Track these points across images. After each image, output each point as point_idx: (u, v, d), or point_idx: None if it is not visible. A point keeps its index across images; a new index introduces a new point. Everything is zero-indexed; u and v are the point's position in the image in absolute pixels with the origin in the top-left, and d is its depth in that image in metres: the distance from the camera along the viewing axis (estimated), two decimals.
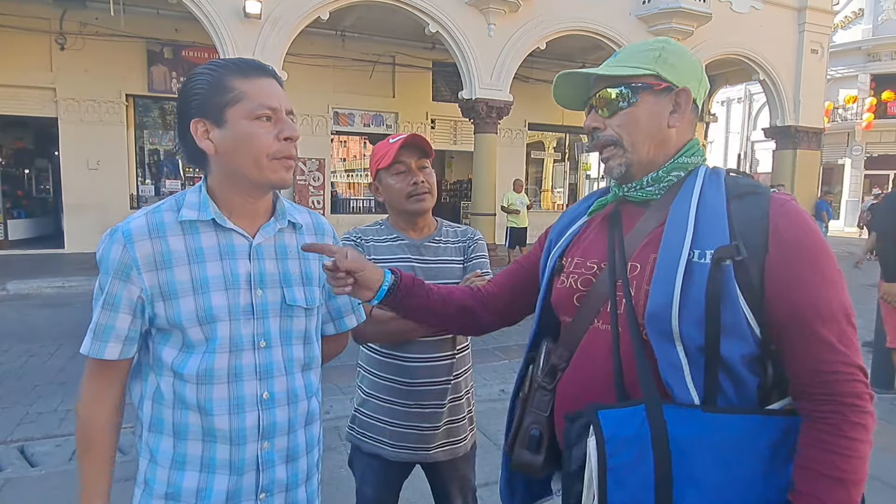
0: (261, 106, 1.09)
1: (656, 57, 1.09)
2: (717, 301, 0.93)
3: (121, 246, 1.08)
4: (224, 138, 1.10)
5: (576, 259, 1.17)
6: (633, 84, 1.08)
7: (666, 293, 0.96)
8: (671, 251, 0.98)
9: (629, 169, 1.09)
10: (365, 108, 13.94)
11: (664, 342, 0.97)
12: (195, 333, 1.09)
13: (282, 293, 1.18)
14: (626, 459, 0.94)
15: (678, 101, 1.09)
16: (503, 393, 4.42)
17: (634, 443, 0.94)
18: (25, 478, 3.03)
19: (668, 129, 1.09)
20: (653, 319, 0.97)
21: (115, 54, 11.47)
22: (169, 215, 1.12)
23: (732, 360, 0.95)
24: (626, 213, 1.13)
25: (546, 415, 1.14)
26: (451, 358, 1.72)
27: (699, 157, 1.11)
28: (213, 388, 1.11)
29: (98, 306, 1.10)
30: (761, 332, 0.96)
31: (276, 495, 1.17)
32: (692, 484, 0.92)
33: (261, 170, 1.11)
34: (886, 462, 3.27)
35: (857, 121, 22.86)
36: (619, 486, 0.94)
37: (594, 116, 1.12)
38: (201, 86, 1.10)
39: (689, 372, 0.95)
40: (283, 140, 1.11)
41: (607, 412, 0.97)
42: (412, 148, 1.69)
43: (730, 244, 0.95)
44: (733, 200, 1.00)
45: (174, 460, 1.12)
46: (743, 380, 0.96)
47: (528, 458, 1.14)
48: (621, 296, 1.04)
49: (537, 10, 11.56)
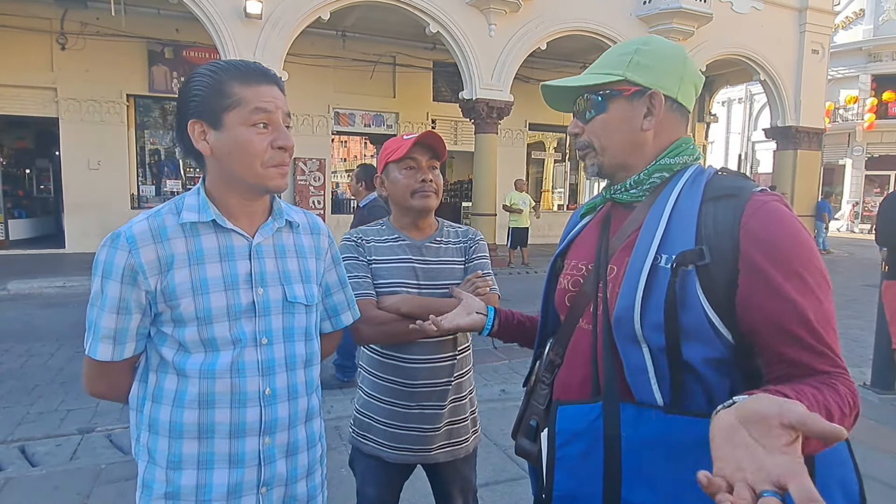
0: (258, 111, 1.11)
1: (628, 62, 1.09)
2: (674, 305, 0.94)
3: (126, 252, 1.09)
4: (220, 141, 1.12)
5: (572, 261, 1.21)
6: (602, 92, 1.10)
7: (629, 297, 0.98)
8: (640, 255, 1.00)
9: (601, 169, 1.13)
10: (365, 109, 13.94)
11: (629, 344, 0.99)
12: (195, 333, 1.11)
13: (283, 291, 1.20)
14: (574, 451, 0.99)
15: (651, 104, 1.08)
16: (503, 393, 4.42)
17: (584, 436, 0.99)
18: (26, 477, 3.03)
19: (643, 132, 1.09)
20: (618, 322, 1.00)
21: (116, 54, 11.48)
22: (169, 218, 1.14)
23: (695, 362, 0.95)
24: (615, 216, 1.16)
25: (543, 407, 1.18)
26: (452, 359, 1.72)
27: (687, 157, 1.09)
28: (215, 383, 1.13)
29: (107, 312, 1.10)
30: (733, 336, 0.94)
31: (275, 489, 1.19)
32: (643, 481, 0.94)
33: (255, 176, 1.13)
34: (886, 462, 3.27)
35: (858, 121, 22.86)
36: (566, 475, 0.99)
37: (574, 122, 1.16)
38: (201, 87, 1.11)
39: (654, 374, 0.97)
40: (277, 149, 1.13)
41: (566, 407, 1.02)
42: (426, 146, 1.69)
43: (693, 248, 0.95)
44: (707, 203, 0.99)
45: (170, 460, 1.13)
46: (710, 383, 0.95)
47: (527, 446, 1.20)
48: (601, 297, 1.07)
49: (538, 11, 11.56)
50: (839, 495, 0.93)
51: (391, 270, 1.69)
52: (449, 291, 1.69)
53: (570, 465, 0.99)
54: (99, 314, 1.11)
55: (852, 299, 8.43)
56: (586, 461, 0.98)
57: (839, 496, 0.93)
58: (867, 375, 4.68)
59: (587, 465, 0.98)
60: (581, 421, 1.00)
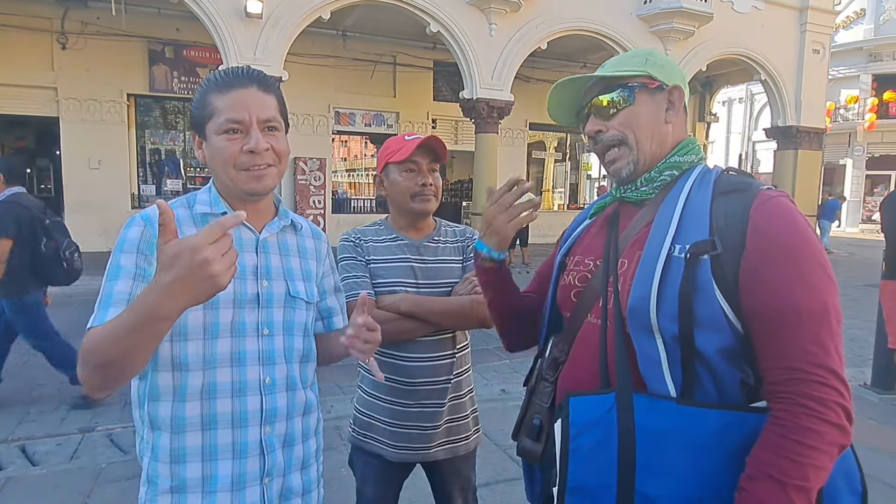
0: (227, 121, 1.15)
1: (644, 61, 1.13)
2: (688, 295, 0.96)
3: (141, 227, 1.13)
4: (207, 150, 1.20)
5: (576, 257, 1.22)
6: (629, 84, 1.12)
7: (645, 287, 0.99)
8: (654, 247, 1.01)
9: (636, 167, 1.12)
10: (366, 108, 13.94)
11: (643, 335, 1.00)
12: (198, 318, 1.13)
13: (286, 285, 1.25)
14: (589, 442, 0.99)
15: (671, 99, 1.13)
16: (503, 393, 4.42)
17: (599, 427, 0.99)
18: (27, 476, 3.04)
19: (666, 125, 1.12)
20: (633, 313, 1.00)
21: (117, 54, 11.48)
22: (182, 211, 1.20)
23: (708, 352, 0.96)
24: (624, 214, 1.18)
25: (547, 405, 1.18)
26: (451, 357, 1.73)
27: (693, 156, 1.13)
28: (216, 372, 1.15)
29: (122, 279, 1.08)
30: (743, 327, 0.96)
31: (275, 479, 1.22)
32: (656, 472, 0.95)
33: (233, 180, 1.18)
34: (886, 462, 3.27)
35: (859, 121, 22.85)
36: (580, 465, 0.99)
37: (594, 121, 1.15)
38: (194, 101, 1.21)
39: (667, 365, 0.98)
40: (248, 152, 1.15)
41: (578, 398, 1.03)
42: (428, 150, 1.69)
43: (707, 239, 0.97)
44: (718, 197, 1.02)
45: (173, 455, 1.14)
46: (722, 374, 0.97)
47: (530, 445, 1.19)
48: (611, 291, 1.08)
49: (538, 10, 11.56)
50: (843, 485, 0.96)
51: (390, 270, 1.70)
52: (448, 291, 1.69)
53: (584, 456, 1.00)
54: (112, 284, 1.08)
55: (853, 299, 8.43)
56: (600, 452, 0.98)
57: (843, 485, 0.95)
58: (867, 375, 4.68)
59: (601, 456, 0.98)
60: (594, 412, 1.00)
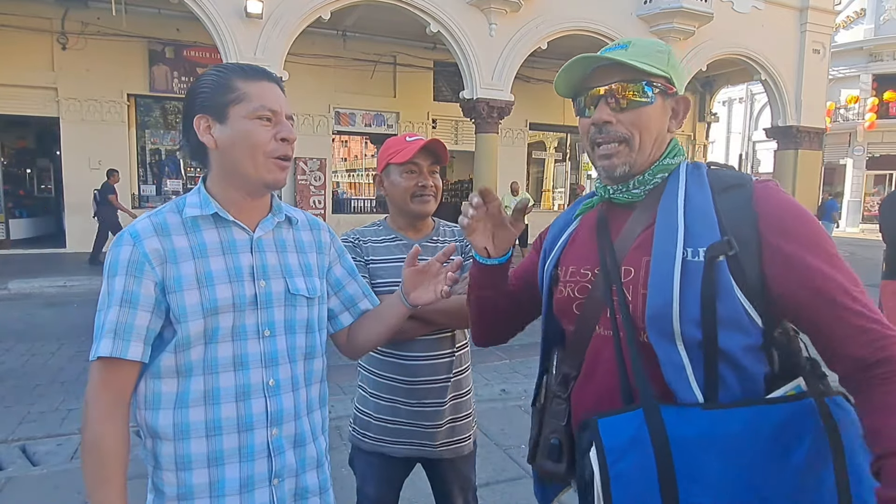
0: (262, 107, 1.15)
1: (667, 60, 1.08)
2: (712, 297, 0.95)
3: (130, 246, 1.10)
4: (225, 134, 1.15)
5: (570, 267, 1.17)
6: (655, 83, 1.06)
7: (664, 294, 0.97)
8: (664, 252, 0.99)
9: (631, 169, 1.08)
10: (366, 108, 13.94)
11: (666, 343, 0.97)
12: (199, 325, 1.11)
13: (285, 283, 1.22)
14: (628, 466, 0.96)
15: (676, 109, 1.10)
16: (503, 393, 4.42)
17: (634, 448, 0.96)
18: (27, 477, 3.04)
19: (667, 133, 1.10)
20: (654, 321, 0.98)
21: (117, 54, 11.48)
22: (171, 216, 1.17)
23: (732, 350, 0.96)
24: (613, 217, 1.14)
25: (563, 423, 1.15)
26: (450, 356, 1.73)
27: (680, 157, 1.12)
28: (218, 377, 1.13)
29: (112, 306, 1.08)
30: (763, 322, 0.97)
31: (286, 480, 1.20)
32: (697, 480, 0.93)
33: (256, 167, 1.15)
34: None
35: (859, 121, 22.83)
36: (623, 491, 0.96)
37: (605, 110, 1.07)
38: (207, 85, 1.17)
39: (692, 371, 0.96)
40: (280, 140, 1.16)
41: (606, 420, 0.99)
42: (429, 152, 1.70)
43: (721, 240, 0.97)
44: (719, 194, 1.02)
45: (178, 462, 1.13)
46: (747, 370, 0.97)
47: (551, 467, 1.15)
48: (617, 300, 1.05)
49: (538, 10, 11.56)
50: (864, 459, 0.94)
51: (389, 270, 1.70)
52: None
53: (626, 481, 0.96)
54: (105, 313, 1.09)
55: None
56: (640, 473, 0.95)
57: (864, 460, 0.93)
58: None
59: (642, 476, 0.95)
60: (626, 431, 0.97)
